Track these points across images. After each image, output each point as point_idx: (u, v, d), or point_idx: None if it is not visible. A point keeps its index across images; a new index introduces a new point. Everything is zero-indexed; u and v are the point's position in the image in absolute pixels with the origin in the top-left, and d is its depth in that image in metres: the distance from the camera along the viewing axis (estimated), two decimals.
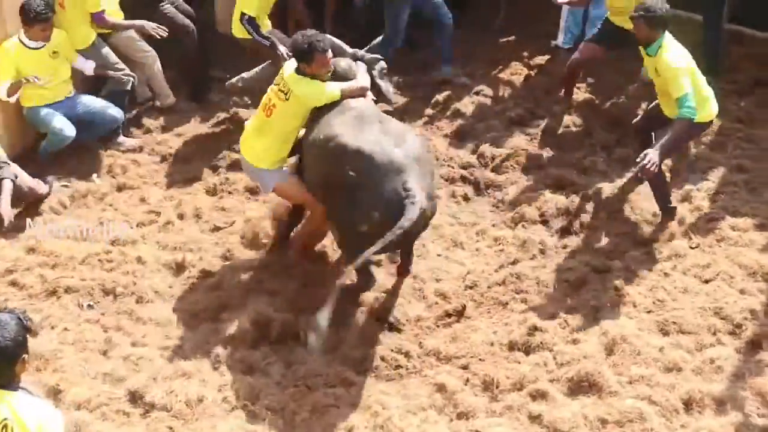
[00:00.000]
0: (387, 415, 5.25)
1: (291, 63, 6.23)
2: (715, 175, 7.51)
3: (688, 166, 7.67)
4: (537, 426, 5.27)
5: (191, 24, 8.70)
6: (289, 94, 6.06)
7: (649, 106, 7.31)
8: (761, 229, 6.81)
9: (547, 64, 9.32)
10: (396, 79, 9.07)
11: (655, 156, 6.11)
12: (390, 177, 5.66)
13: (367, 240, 5.54)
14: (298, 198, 6.45)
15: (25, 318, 3.76)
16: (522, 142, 8.05)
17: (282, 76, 6.19)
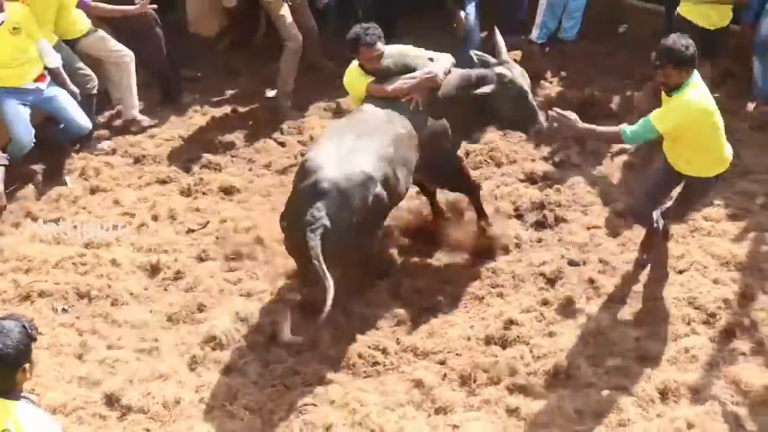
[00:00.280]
0: (365, 412, 5.25)
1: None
2: None
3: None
4: (515, 419, 5.29)
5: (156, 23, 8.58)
6: None
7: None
8: (734, 220, 6.87)
9: (521, 59, 9.32)
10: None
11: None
12: (304, 195, 5.56)
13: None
14: None
15: (31, 326, 3.71)
16: (495, 136, 8.05)
17: None
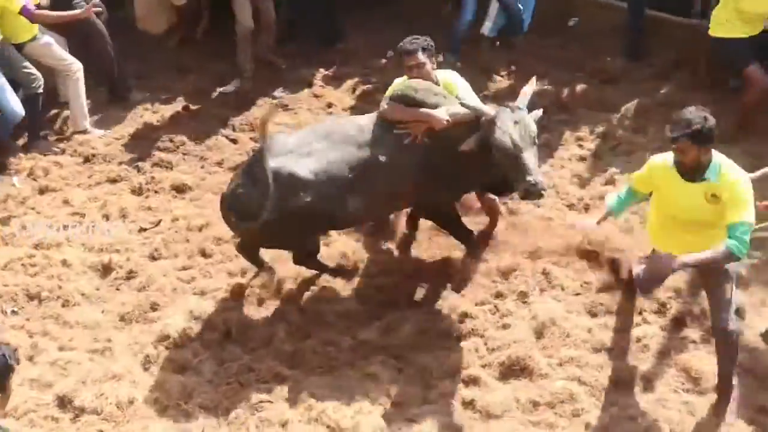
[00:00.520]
0: (321, 408, 5.25)
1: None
2: (638, 158, 7.61)
3: (611, 149, 7.79)
4: (470, 411, 5.31)
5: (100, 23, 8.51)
6: None
7: None
8: None
9: (471, 51, 9.35)
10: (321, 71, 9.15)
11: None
12: (242, 169, 5.83)
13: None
14: None
15: (11, 355, 3.63)
16: None
17: None
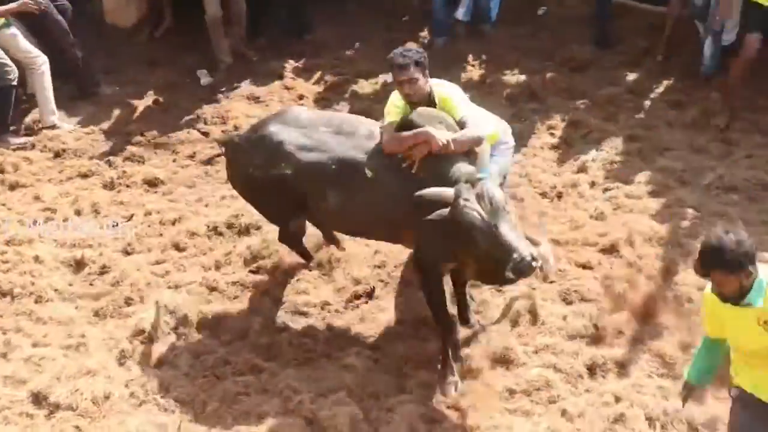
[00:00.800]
0: (298, 399, 5.24)
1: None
2: (609, 145, 7.69)
3: (582, 137, 7.84)
4: (446, 400, 5.32)
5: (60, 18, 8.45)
6: None
7: None
8: (655, 196, 7.01)
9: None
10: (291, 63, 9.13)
11: None
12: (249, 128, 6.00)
13: None
14: None
15: None
16: None
17: None
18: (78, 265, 6.52)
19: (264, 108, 8.49)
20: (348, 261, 6.48)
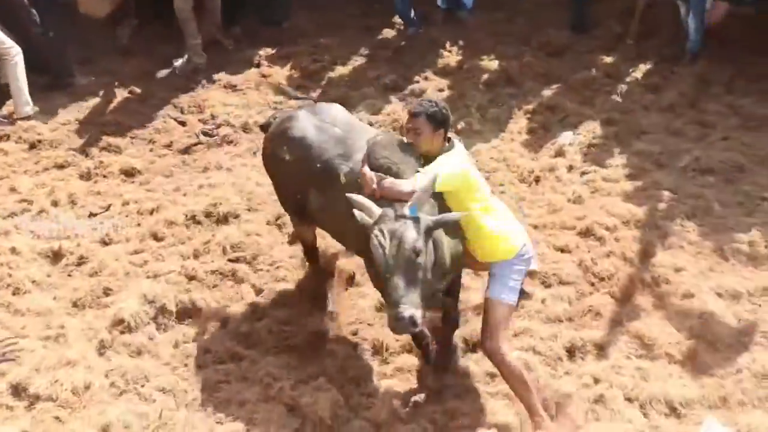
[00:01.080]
0: (279, 386, 5.24)
1: None
2: (586, 129, 7.72)
3: (559, 121, 7.86)
4: (427, 384, 5.34)
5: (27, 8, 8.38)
6: None
7: None
8: (632, 179, 7.04)
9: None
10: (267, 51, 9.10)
11: None
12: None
13: None
14: None
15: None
16: (398, 107, 8.10)
17: None
18: (56, 256, 6.48)
19: (241, 96, 8.47)
20: (327, 248, 6.49)
